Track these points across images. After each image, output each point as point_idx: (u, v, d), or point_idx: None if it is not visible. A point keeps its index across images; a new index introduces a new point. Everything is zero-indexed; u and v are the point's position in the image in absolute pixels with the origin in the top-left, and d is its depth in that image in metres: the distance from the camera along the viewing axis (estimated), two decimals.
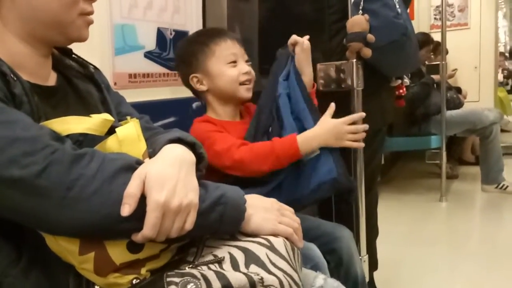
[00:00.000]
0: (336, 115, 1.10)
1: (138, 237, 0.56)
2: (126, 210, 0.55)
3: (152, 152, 0.66)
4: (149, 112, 1.22)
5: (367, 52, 1.10)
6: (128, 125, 0.65)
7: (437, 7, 3.68)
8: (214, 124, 1.02)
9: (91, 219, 0.55)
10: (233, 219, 0.65)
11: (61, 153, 0.55)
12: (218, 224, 0.64)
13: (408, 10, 3.52)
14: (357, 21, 1.10)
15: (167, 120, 1.26)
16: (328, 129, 0.97)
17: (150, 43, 1.20)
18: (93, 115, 0.66)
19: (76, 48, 1.04)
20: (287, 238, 0.70)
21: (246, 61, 1.06)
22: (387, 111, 1.39)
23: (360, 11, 1.10)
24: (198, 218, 0.60)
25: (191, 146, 0.67)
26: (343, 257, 1.01)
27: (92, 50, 1.06)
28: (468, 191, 3.04)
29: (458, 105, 3.07)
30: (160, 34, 1.22)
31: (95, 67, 0.81)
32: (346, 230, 1.08)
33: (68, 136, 0.62)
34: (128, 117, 0.72)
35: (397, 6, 1.09)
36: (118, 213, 0.55)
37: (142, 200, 0.56)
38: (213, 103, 1.06)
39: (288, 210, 0.75)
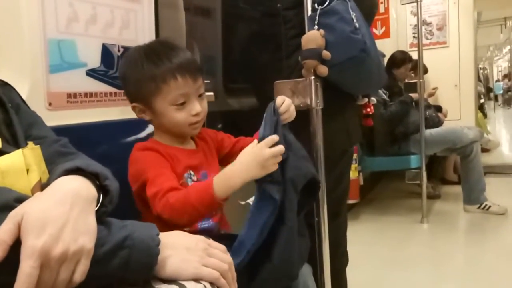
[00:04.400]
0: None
1: None
2: None
3: (46, 185, 0.56)
4: (94, 134, 1.13)
5: (323, 70, 1.03)
6: (15, 153, 0.55)
7: (415, 25, 3.68)
8: (156, 152, 0.89)
9: None
10: (141, 265, 0.55)
11: None
12: (122, 272, 0.54)
13: (385, 28, 3.52)
14: (312, 37, 1.03)
15: (115, 143, 1.16)
16: (248, 160, 0.80)
17: (94, 60, 1.10)
18: None
19: (6, 65, 0.95)
20: (213, 283, 0.60)
21: (200, 95, 0.92)
22: (353, 132, 1.31)
23: (316, 26, 1.03)
24: (93, 267, 0.50)
25: (95, 176, 0.58)
26: None
27: (22, 67, 0.97)
28: (450, 211, 2.97)
29: (437, 123, 3.03)
30: (106, 51, 1.13)
31: (4, 83, 0.72)
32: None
33: None
34: (30, 143, 0.63)
35: (355, 21, 1.02)
36: None
37: (18, 248, 0.46)
38: (159, 130, 0.97)
39: (218, 249, 0.65)
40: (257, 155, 0.80)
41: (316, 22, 1.03)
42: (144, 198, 0.87)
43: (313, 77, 1.08)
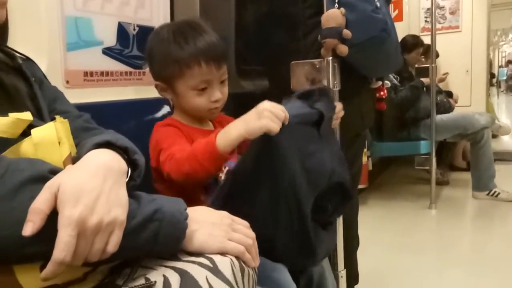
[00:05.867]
0: None
1: (47, 268, 0.46)
2: (28, 229, 0.45)
3: (77, 158, 0.56)
4: (110, 113, 1.13)
5: (343, 49, 1.02)
6: (47, 126, 0.55)
7: (428, 9, 3.62)
8: (177, 128, 0.90)
9: None
10: (170, 238, 0.56)
11: None
12: (151, 245, 0.54)
13: (397, 12, 3.48)
14: (332, 16, 1.01)
15: (131, 122, 1.16)
16: (249, 113, 0.78)
17: (110, 39, 1.10)
18: (11, 114, 0.57)
19: (23, 42, 0.95)
20: (238, 257, 0.60)
21: (222, 82, 0.92)
22: (367, 115, 1.31)
23: (336, 5, 1.02)
24: (125, 238, 0.51)
25: (124, 151, 0.58)
26: (314, 275, 0.92)
27: (40, 44, 0.96)
28: (459, 198, 2.97)
29: (449, 109, 3.00)
30: (122, 29, 1.13)
31: (26, 58, 0.72)
32: None
33: None
34: (57, 116, 0.63)
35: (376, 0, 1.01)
36: (20, 235, 0.45)
37: (54, 218, 0.47)
38: (179, 109, 0.97)
39: (242, 225, 0.65)
40: (257, 107, 0.77)
41: (336, 1, 1.01)
42: (161, 173, 0.87)
43: (331, 58, 1.07)
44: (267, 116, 0.74)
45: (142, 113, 1.20)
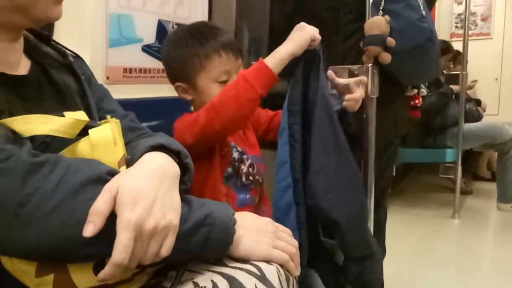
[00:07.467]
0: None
1: (105, 269, 0.47)
2: (89, 230, 0.46)
3: (130, 159, 0.57)
4: (146, 110, 1.14)
5: (386, 57, 1.00)
6: (104, 127, 0.56)
7: (459, 15, 3.54)
8: None
9: (46, 242, 0.46)
10: (219, 243, 0.56)
11: (15, 160, 0.46)
12: (201, 249, 0.55)
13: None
14: (377, 23, 0.99)
15: (165, 120, 1.17)
16: (291, 33, 0.88)
17: (149, 36, 1.11)
18: (66, 113, 0.58)
19: (68, 37, 0.96)
20: (281, 265, 0.60)
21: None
22: (401, 123, 1.29)
23: (380, 12, 1.00)
24: (177, 242, 0.51)
25: (176, 154, 0.58)
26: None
27: (83, 40, 0.98)
28: (483, 208, 2.90)
29: (477, 118, 2.93)
30: (161, 27, 1.13)
31: (76, 55, 0.73)
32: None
33: (32, 137, 0.53)
34: (109, 116, 0.63)
35: (422, 8, 0.99)
36: (80, 235, 0.46)
37: (112, 220, 0.47)
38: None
39: (285, 232, 0.65)
40: (295, 28, 0.87)
41: (381, 8, 0.99)
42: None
43: (370, 65, 1.06)
44: (310, 28, 0.85)
45: (177, 111, 1.20)
